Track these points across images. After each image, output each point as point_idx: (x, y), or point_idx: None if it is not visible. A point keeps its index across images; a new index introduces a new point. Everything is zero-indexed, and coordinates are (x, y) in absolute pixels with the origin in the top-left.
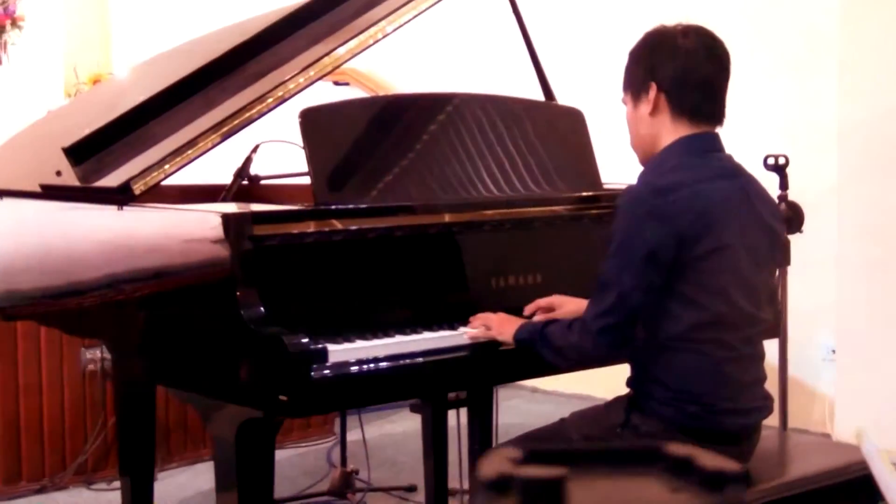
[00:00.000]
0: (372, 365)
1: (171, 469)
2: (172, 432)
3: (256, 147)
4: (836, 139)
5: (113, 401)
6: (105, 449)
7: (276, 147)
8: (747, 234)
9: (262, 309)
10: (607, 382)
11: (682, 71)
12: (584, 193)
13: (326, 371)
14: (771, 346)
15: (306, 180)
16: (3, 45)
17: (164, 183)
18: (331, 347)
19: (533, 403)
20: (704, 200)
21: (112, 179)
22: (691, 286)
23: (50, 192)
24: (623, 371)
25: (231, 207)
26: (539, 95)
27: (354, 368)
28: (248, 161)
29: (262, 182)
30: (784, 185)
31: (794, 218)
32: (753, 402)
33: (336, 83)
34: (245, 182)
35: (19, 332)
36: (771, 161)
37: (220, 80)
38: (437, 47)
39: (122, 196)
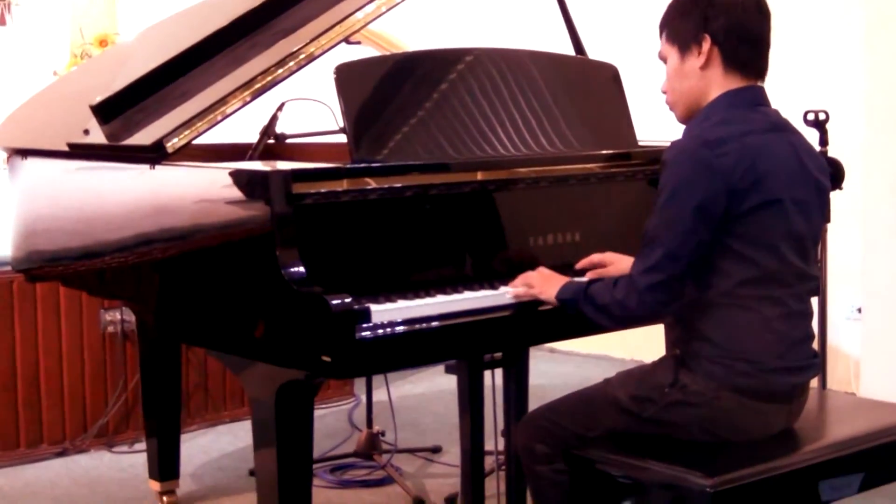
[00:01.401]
0: (416, 325)
1: (192, 431)
2: (192, 395)
3: (282, 105)
4: (863, 96)
5: (134, 362)
6: (126, 411)
7: (299, 105)
8: (796, 188)
9: (302, 268)
10: (625, 343)
11: (737, 24)
12: (620, 151)
13: (369, 331)
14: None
15: (332, 139)
16: (7, 6)
17: (194, 142)
18: (373, 307)
19: (552, 364)
20: (754, 153)
21: (143, 137)
22: (741, 241)
23: (78, 151)
24: (647, 330)
25: (261, 166)
26: (569, 51)
27: (400, 329)
28: (273, 119)
29: (289, 141)
30: (824, 140)
31: (835, 175)
32: (803, 360)
33: (348, 42)
34: (271, 141)
35: (38, 295)
36: (811, 117)
37: (247, 38)
38: (453, 4)
39: (154, 154)
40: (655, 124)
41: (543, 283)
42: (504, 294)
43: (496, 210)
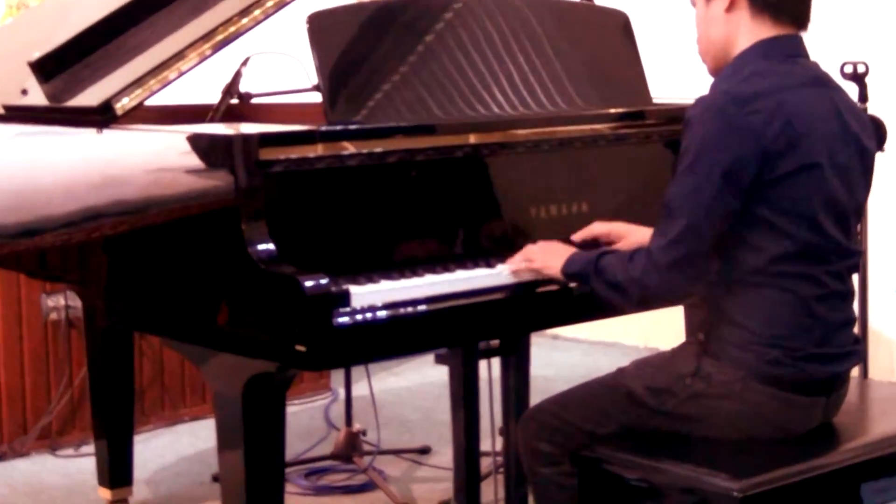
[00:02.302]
0: (401, 309)
1: (147, 432)
2: (147, 390)
3: (246, 60)
4: None
5: (81, 354)
6: (71, 409)
7: (267, 60)
8: (837, 151)
9: (272, 245)
10: (639, 328)
11: None
12: (632, 109)
13: (349, 316)
14: None
15: (305, 98)
16: None
17: (146, 102)
18: (353, 289)
19: (556, 352)
20: (790, 111)
21: (89, 98)
22: (774, 211)
23: (15, 115)
24: (664, 313)
25: (224, 129)
26: None
27: (382, 313)
28: (237, 76)
29: (255, 100)
30: (863, 96)
31: (876, 135)
32: (843, 346)
33: None
34: (234, 101)
35: None
36: (849, 69)
37: None
38: None
39: (102, 117)
40: (674, 80)
41: (546, 256)
42: (501, 273)
43: (492, 178)
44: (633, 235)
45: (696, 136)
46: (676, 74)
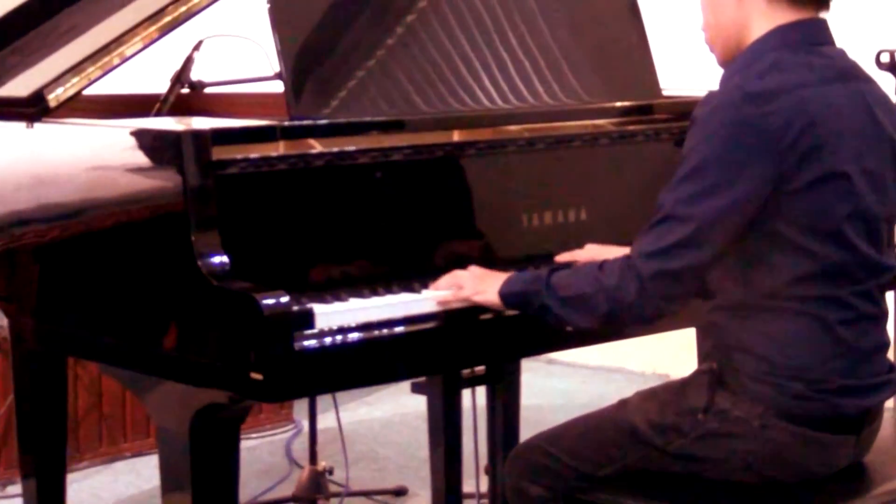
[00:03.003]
0: (375, 332)
1: (82, 469)
2: (83, 422)
3: (199, 44)
4: None
5: (6, 381)
6: None
7: (222, 44)
8: (868, 155)
9: (225, 258)
10: (646, 353)
11: None
12: (639, 102)
13: (313, 340)
14: None
15: (265, 88)
16: None
17: (84, 92)
18: (318, 309)
19: (550, 378)
20: (813, 110)
21: (18, 88)
22: (794, 226)
23: None
24: (674, 338)
25: (173, 123)
26: None
27: (354, 336)
28: (188, 62)
29: (208, 90)
30: None
31: None
32: (876, 375)
33: None
34: (185, 90)
35: None
36: (885, 58)
37: None
38: None
39: (33, 109)
40: (687, 69)
41: (477, 281)
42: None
43: (478, 181)
44: (601, 254)
45: (704, 138)
46: (690, 63)
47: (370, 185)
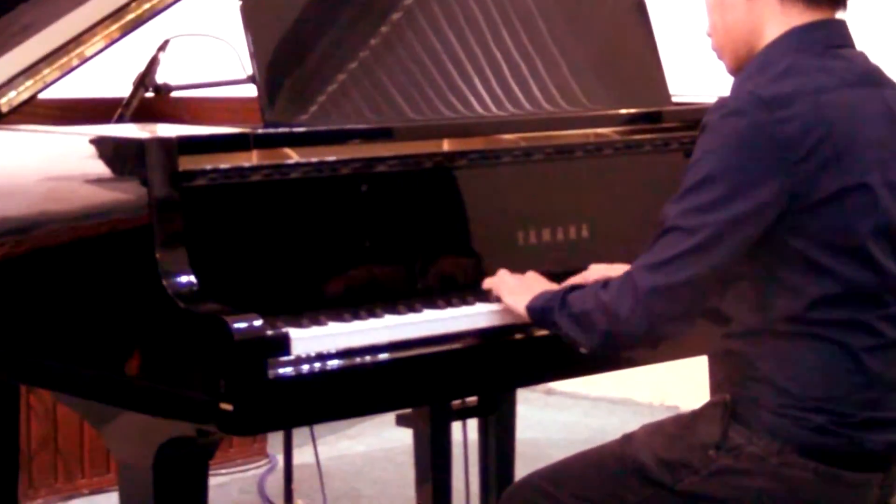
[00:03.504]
0: (356, 358)
1: None
2: (36, 456)
3: (165, 44)
4: None
5: None
6: None
7: (190, 44)
8: (892, 165)
9: (193, 277)
10: (653, 382)
11: None
12: (647, 109)
13: (289, 367)
14: None
15: (238, 92)
16: None
17: (40, 96)
18: (294, 333)
19: (549, 410)
20: (831, 117)
21: None
22: (812, 244)
23: None
24: (684, 366)
25: (136, 130)
26: None
27: (333, 363)
28: (153, 64)
29: (175, 94)
30: None
31: None
32: None
33: None
34: (150, 94)
35: None
36: None
37: None
38: None
39: None
40: (698, 74)
41: (516, 289)
42: (480, 313)
43: (470, 195)
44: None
45: (713, 147)
46: (702, 67)
47: (351, 198)
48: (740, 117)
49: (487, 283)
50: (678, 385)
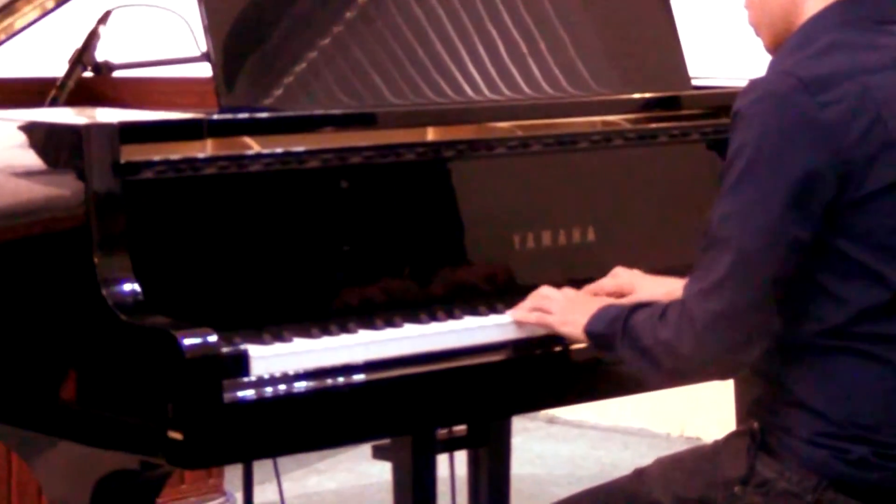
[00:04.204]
0: (327, 380)
1: None
2: None
3: (106, 15)
4: None
5: None
6: None
7: (135, 15)
8: None
9: (137, 286)
10: (669, 409)
11: None
12: (663, 94)
13: (249, 389)
14: None
15: (190, 71)
16: None
17: None
18: (255, 351)
19: (550, 441)
20: (880, 100)
21: None
22: (859, 245)
23: None
24: (707, 391)
25: (73, 115)
26: None
27: (300, 385)
28: (92, 38)
29: (118, 73)
30: None
31: None
32: None
33: None
34: (88, 73)
35: None
36: None
37: None
38: None
39: None
40: (722, 55)
41: (567, 309)
42: (472, 329)
43: (458, 191)
44: (647, 289)
45: (749, 138)
46: (727, 47)
47: (323, 195)
48: (778, 101)
49: (529, 300)
50: (700, 413)
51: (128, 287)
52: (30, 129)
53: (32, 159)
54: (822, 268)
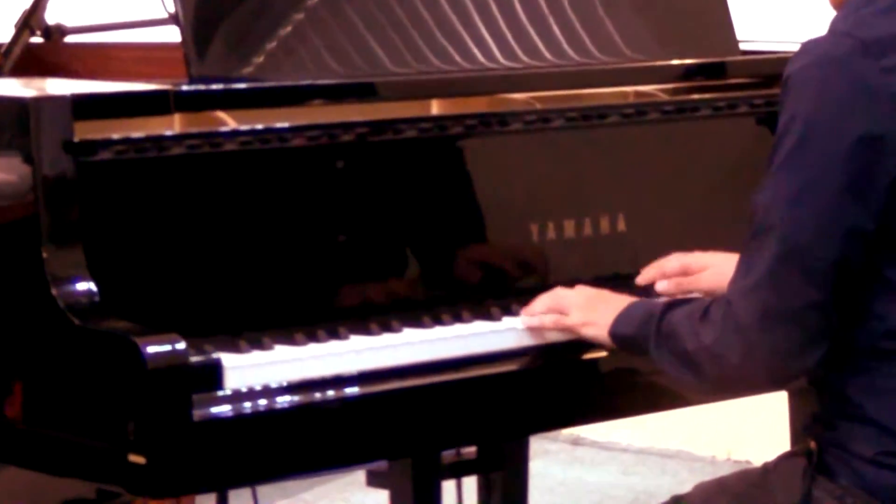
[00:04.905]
0: (315, 393)
1: None
2: None
3: None
4: None
5: None
6: None
7: None
8: None
9: (92, 285)
10: (710, 431)
11: None
12: (706, 60)
13: (223, 405)
14: None
15: (156, 36)
16: None
17: None
18: (229, 360)
19: (575, 466)
20: None
21: None
22: None
23: None
24: (756, 408)
25: (20, 86)
26: None
27: (283, 400)
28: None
29: (71, 38)
30: None
31: None
32: None
33: None
34: (38, 38)
35: None
36: None
37: None
38: None
39: None
40: (775, 17)
41: (587, 308)
42: (481, 335)
43: (468, 174)
44: (714, 268)
45: (800, 109)
46: (780, 5)
47: (310, 179)
48: (835, 66)
49: (541, 300)
50: (749, 432)
51: (82, 286)
52: None
53: None
54: (890, 263)
